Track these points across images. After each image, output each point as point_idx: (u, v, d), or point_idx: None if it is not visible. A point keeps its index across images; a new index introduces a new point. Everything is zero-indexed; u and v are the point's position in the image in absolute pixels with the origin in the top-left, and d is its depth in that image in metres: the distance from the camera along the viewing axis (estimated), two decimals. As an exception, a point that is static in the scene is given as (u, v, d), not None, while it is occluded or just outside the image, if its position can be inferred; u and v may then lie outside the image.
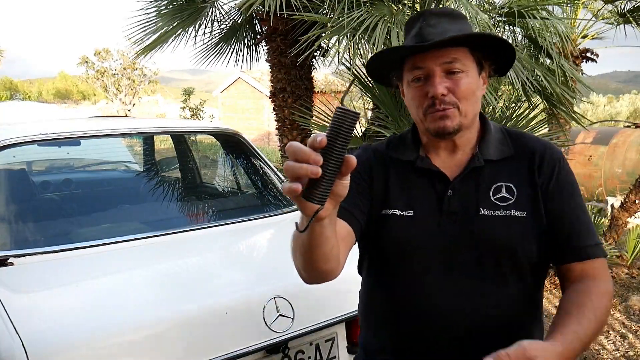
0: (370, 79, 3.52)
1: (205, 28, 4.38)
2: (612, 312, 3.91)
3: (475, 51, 1.08)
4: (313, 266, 0.99)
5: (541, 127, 3.49)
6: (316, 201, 0.75)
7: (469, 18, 2.87)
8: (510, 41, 3.50)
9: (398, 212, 1.11)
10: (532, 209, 1.07)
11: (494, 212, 1.07)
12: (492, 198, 1.08)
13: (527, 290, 1.10)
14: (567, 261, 1.07)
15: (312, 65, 4.28)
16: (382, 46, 2.84)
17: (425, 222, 1.10)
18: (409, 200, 1.12)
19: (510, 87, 3.56)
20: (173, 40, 4.26)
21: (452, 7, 2.95)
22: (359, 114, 0.73)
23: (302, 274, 1.06)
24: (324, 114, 3.74)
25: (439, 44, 1.03)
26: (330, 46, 3.59)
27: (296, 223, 0.91)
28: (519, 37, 3.63)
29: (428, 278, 1.09)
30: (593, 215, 5.46)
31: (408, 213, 1.11)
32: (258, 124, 18.03)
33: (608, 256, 1.05)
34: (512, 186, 1.09)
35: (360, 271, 1.25)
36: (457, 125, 1.07)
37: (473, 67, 1.08)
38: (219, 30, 4.55)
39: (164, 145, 4.78)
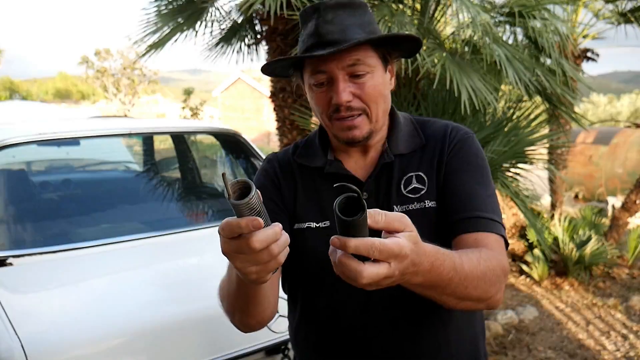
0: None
1: (205, 28, 4.38)
2: (612, 313, 3.91)
3: (378, 47, 1.00)
4: (257, 318, 0.98)
5: (542, 127, 3.49)
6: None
7: (469, 18, 2.87)
8: (510, 42, 3.50)
9: (313, 225, 1.04)
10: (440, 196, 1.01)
11: (407, 207, 1.00)
12: (404, 191, 1.02)
13: None
14: (459, 232, 0.96)
15: (313, 65, 4.27)
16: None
17: None
18: (323, 210, 1.04)
19: (510, 88, 3.55)
20: (174, 41, 4.26)
21: (454, 7, 2.94)
22: None
23: (243, 329, 1.02)
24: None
25: (339, 51, 0.94)
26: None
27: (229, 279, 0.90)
28: (520, 37, 3.63)
29: (347, 295, 1.01)
30: (593, 216, 5.46)
31: (324, 224, 1.03)
32: (258, 124, 18.05)
33: (506, 239, 0.97)
34: (422, 174, 1.03)
35: (284, 290, 1.15)
36: (367, 133, 1.01)
37: (378, 64, 1.00)
38: (220, 31, 4.54)
39: (163, 145, 4.77)
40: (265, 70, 1.07)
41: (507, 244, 1.00)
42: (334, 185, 0.68)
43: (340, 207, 0.65)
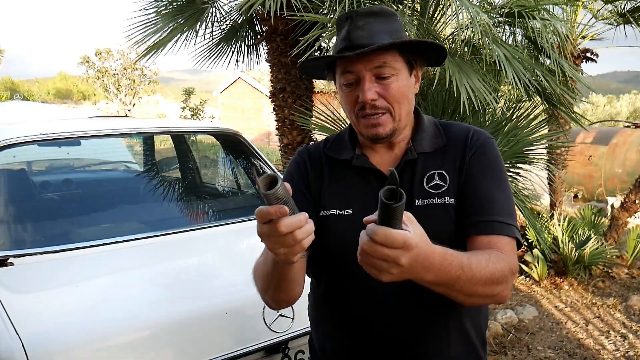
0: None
1: (205, 28, 4.38)
2: (611, 312, 3.91)
3: (404, 52, 1.08)
4: (287, 295, 1.11)
5: (541, 127, 3.49)
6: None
7: (469, 18, 2.88)
8: (510, 42, 3.50)
9: (337, 212, 1.12)
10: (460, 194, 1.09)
11: (428, 202, 1.08)
12: (426, 187, 1.09)
13: None
14: (472, 233, 1.05)
15: (313, 65, 4.27)
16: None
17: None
18: (348, 199, 1.13)
19: (510, 88, 3.56)
20: (174, 41, 4.26)
21: (453, 7, 2.95)
22: None
23: (274, 306, 1.17)
24: (324, 114, 3.73)
25: (363, 53, 1.03)
26: (330, 46, 3.58)
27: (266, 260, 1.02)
28: (519, 37, 3.63)
29: (364, 279, 1.05)
30: (593, 215, 5.46)
31: (347, 212, 1.12)
32: (258, 124, 18.05)
33: (519, 239, 1.07)
34: (444, 172, 1.10)
35: (308, 273, 1.24)
36: (390, 131, 1.09)
37: (403, 68, 1.08)
38: (220, 31, 4.55)
39: (164, 145, 4.78)
40: (301, 69, 1.19)
41: (520, 244, 1.08)
42: (387, 184, 0.78)
43: (384, 195, 0.76)
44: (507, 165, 3.25)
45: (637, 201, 4.95)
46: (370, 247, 0.79)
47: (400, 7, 3.38)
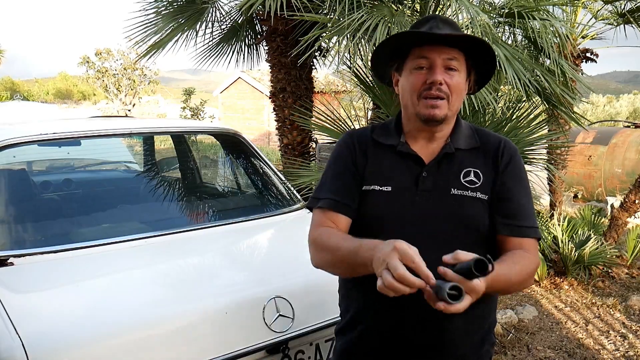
0: (370, 79, 3.52)
1: (205, 28, 4.38)
2: (611, 312, 3.92)
3: (468, 58, 1.26)
4: (335, 271, 1.30)
5: (541, 127, 3.49)
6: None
7: (469, 18, 2.89)
8: (510, 42, 3.51)
9: (377, 188, 1.28)
10: (492, 193, 1.27)
11: (463, 193, 1.26)
12: (462, 180, 1.27)
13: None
14: (506, 234, 1.27)
15: (313, 65, 4.27)
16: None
17: (402, 196, 1.27)
18: (388, 178, 1.29)
19: (510, 88, 3.56)
20: (174, 41, 4.26)
21: (453, 7, 2.96)
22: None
23: (326, 270, 1.30)
24: (323, 114, 3.74)
25: (450, 37, 1.20)
26: (330, 46, 3.59)
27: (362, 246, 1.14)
28: (519, 38, 3.64)
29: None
30: (593, 215, 5.47)
31: (386, 188, 1.27)
32: (258, 124, 18.04)
33: (542, 239, 1.41)
34: (479, 172, 1.28)
35: None
36: (444, 115, 1.24)
37: (464, 70, 1.26)
38: (220, 31, 4.55)
39: (164, 145, 4.78)
40: (377, 54, 1.32)
41: (539, 239, 1.32)
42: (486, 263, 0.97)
43: (475, 265, 0.95)
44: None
45: (636, 201, 4.95)
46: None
47: (400, 7, 3.38)
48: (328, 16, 3.31)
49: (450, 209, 1.25)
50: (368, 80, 3.49)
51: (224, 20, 4.46)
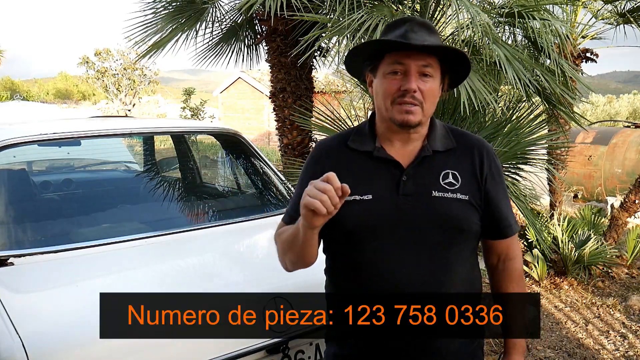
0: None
1: (205, 28, 4.38)
2: (611, 312, 3.92)
3: (442, 63, 1.27)
4: (303, 260, 1.27)
5: (541, 127, 3.49)
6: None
7: (469, 18, 2.89)
8: (510, 42, 3.51)
9: (357, 197, 1.27)
10: (472, 194, 1.30)
11: (444, 195, 1.27)
12: (442, 183, 1.28)
13: (468, 254, 1.34)
14: (496, 238, 1.37)
15: (312, 65, 4.28)
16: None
17: (386, 203, 1.27)
18: (368, 186, 1.28)
19: (510, 88, 3.56)
20: (174, 41, 4.26)
21: (453, 7, 2.96)
22: None
23: (289, 267, 1.33)
24: (323, 114, 3.74)
25: (427, 48, 1.21)
26: (330, 46, 3.59)
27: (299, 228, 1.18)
28: (519, 38, 3.64)
29: (388, 250, 1.26)
30: (593, 215, 5.46)
31: (367, 197, 1.27)
32: (258, 124, 18.03)
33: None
34: (457, 174, 1.30)
35: (324, 251, 1.39)
36: (419, 121, 1.25)
37: (438, 75, 1.27)
38: (220, 31, 4.55)
39: (164, 145, 4.78)
40: (353, 51, 1.32)
41: (518, 229, 1.40)
42: None
43: None
44: (508, 165, 3.25)
45: (636, 201, 4.95)
46: None
47: (401, 7, 3.39)
48: (328, 16, 3.31)
49: (434, 211, 1.26)
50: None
51: (223, 20, 4.46)
